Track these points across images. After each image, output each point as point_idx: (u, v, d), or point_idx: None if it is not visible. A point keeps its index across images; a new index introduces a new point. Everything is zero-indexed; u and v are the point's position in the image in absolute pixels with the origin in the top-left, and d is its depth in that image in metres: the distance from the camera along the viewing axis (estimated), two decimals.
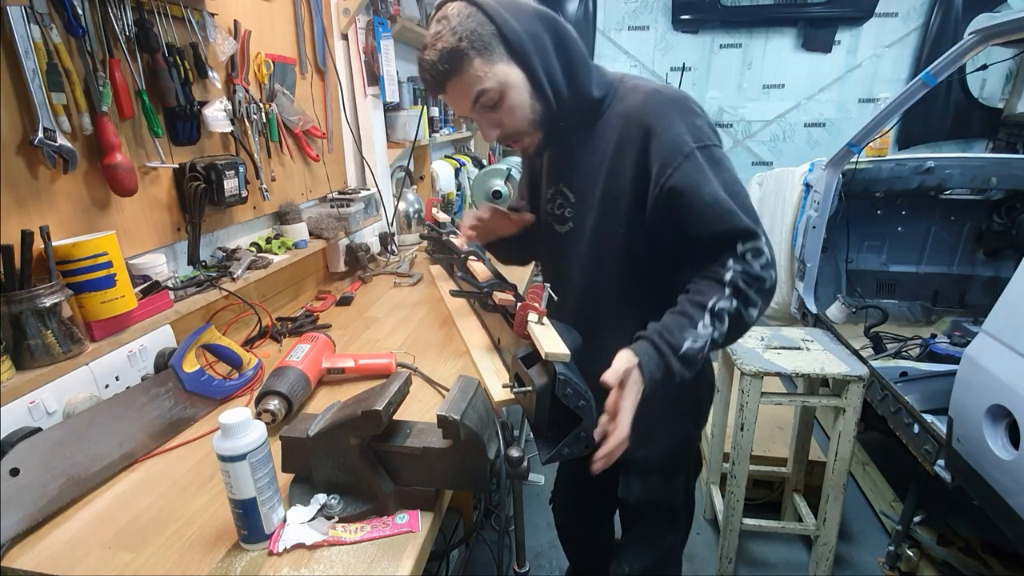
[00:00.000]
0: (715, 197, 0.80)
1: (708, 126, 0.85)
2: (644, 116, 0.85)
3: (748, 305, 0.81)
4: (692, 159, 0.81)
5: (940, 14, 3.58)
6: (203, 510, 0.79)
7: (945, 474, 1.40)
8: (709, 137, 0.83)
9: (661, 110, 0.84)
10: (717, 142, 0.85)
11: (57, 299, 0.87)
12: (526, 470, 0.81)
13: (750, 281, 0.80)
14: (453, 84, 0.85)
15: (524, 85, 0.85)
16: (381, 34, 1.92)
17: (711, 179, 0.81)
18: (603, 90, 0.91)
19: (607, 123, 0.91)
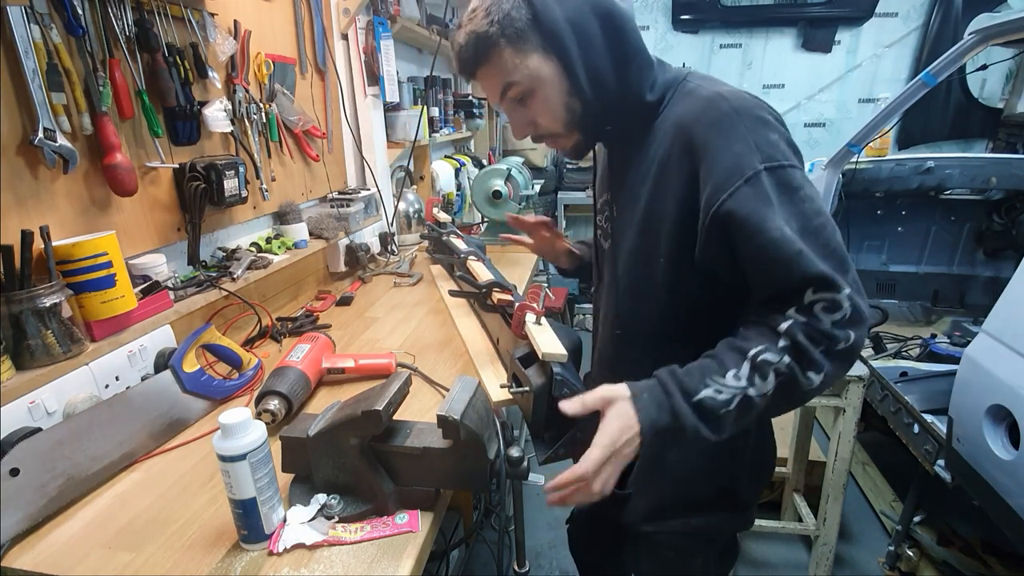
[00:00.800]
0: (781, 233, 0.63)
1: (786, 142, 0.69)
2: (699, 127, 0.70)
3: (808, 367, 0.63)
4: (755, 183, 0.65)
5: (940, 14, 3.58)
6: (203, 510, 0.79)
7: (945, 474, 1.40)
8: (784, 156, 0.67)
9: (722, 121, 0.68)
10: (796, 163, 0.68)
11: (57, 299, 0.88)
12: (526, 470, 0.81)
13: (815, 336, 0.63)
14: (482, 73, 0.77)
15: (560, 82, 0.74)
16: (381, 34, 1.92)
17: (778, 210, 0.64)
18: (660, 92, 0.78)
19: (659, 129, 0.76)
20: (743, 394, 0.64)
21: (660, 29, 3.99)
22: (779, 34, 3.88)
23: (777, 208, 0.64)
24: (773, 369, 0.64)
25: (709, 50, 3.99)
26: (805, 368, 0.64)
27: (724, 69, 4.01)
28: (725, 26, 3.89)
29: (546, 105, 0.76)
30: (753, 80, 4.01)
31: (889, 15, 3.69)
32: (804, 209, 0.65)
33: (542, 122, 0.79)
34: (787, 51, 3.91)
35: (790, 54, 3.91)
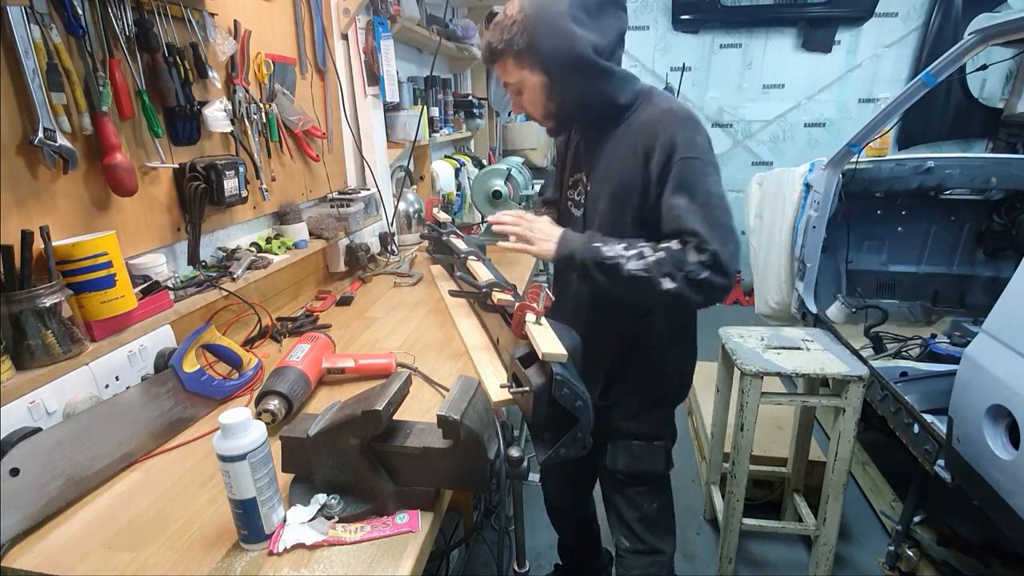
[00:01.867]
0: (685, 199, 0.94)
1: (706, 144, 0.99)
2: (658, 125, 1.00)
3: (664, 274, 0.93)
4: (681, 165, 0.95)
5: (940, 14, 3.58)
6: (203, 510, 0.79)
7: (945, 474, 1.40)
8: (702, 153, 0.97)
9: (673, 122, 0.99)
10: (708, 159, 0.97)
11: (57, 299, 0.88)
12: (526, 470, 0.81)
13: (678, 257, 0.92)
14: (495, 68, 1.08)
15: (542, 89, 1.04)
16: (381, 34, 1.92)
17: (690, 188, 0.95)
18: (630, 98, 1.05)
19: (630, 127, 1.05)
20: (619, 260, 0.97)
21: (660, 29, 3.99)
22: (779, 34, 3.88)
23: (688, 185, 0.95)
24: (643, 260, 0.95)
25: (709, 50, 3.99)
26: (664, 272, 0.93)
27: (724, 69, 4.01)
28: (725, 26, 3.90)
29: (532, 101, 1.08)
30: (753, 80, 4.01)
31: (889, 15, 3.70)
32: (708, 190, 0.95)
33: (528, 109, 1.11)
34: (787, 51, 3.91)
35: (790, 54, 3.91)
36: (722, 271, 0.91)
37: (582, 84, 1.01)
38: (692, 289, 0.92)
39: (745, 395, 1.60)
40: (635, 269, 0.95)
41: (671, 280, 0.92)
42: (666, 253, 0.94)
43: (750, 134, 4.15)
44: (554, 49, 0.97)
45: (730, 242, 0.93)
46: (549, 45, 0.97)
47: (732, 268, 0.92)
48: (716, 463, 2.01)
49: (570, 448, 0.85)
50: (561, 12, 0.96)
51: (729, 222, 0.95)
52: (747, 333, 1.84)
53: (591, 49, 0.97)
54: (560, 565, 1.74)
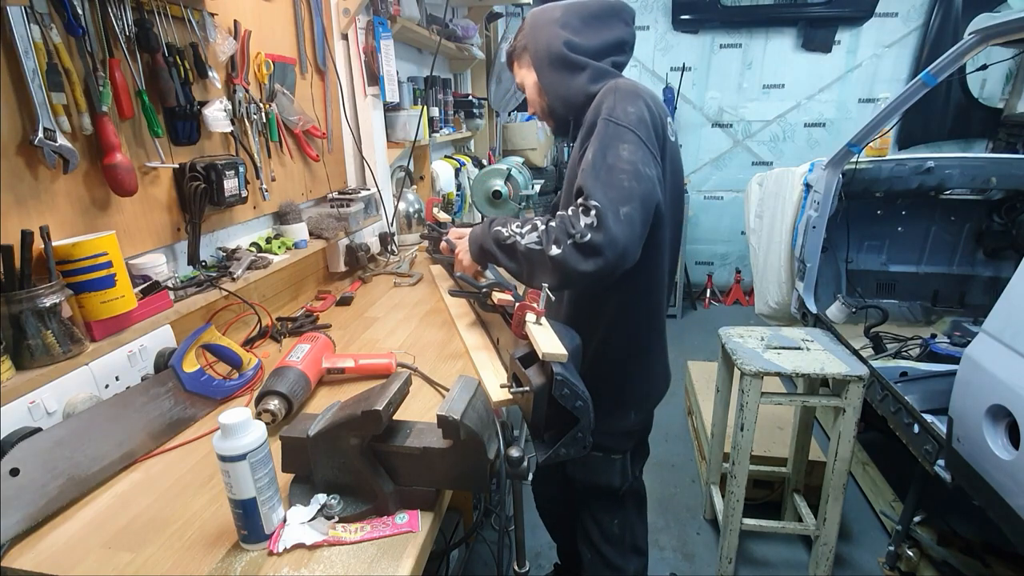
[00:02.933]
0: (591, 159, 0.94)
1: (639, 114, 0.96)
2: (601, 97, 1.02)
3: (552, 241, 0.92)
4: (601, 125, 0.96)
5: (940, 14, 3.58)
6: (203, 510, 0.79)
7: (945, 474, 1.40)
8: (628, 121, 0.95)
9: (611, 93, 1.00)
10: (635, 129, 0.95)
11: (57, 299, 0.88)
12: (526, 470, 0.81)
13: (565, 224, 0.91)
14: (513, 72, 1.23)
15: (536, 86, 1.15)
16: (381, 34, 1.92)
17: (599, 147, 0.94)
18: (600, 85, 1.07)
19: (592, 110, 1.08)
20: (516, 238, 0.99)
21: (660, 29, 3.99)
22: (779, 34, 3.88)
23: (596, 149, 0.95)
24: (536, 231, 0.96)
25: (709, 50, 3.99)
26: (550, 240, 0.92)
27: (724, 69, 4.01)
28: (725, 26, 3.89)
29: (531, 99, 1.20)
30: (753, 80, 4.01)
31: (889, 15, 3.69)
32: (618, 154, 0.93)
33: (532, 108, 1.22)
34: (787, 51, 3.91)
35: (790, 54, 3.91)
36: (605, 229, 0.86)
37: (558, 77, 1.09)
38: (578, 253, 0.88)
39: (745, 395, 1.60)
40: (529, 242, 0.95)
41: (557, 246, 0.90)
42: (557, 221, 0.92)
43: (750, 134, 4.15)
44: (538, 49, 1.10)
45: (624, 205, 0.88)
46: (535, 46, 1.10)
47: (620, 233, 0.86)
48: (716, 463, 2.01)
49: (570, 448, 0.85)
50: (554, 19, 1.08)
51: (632, 187, 0.89)
52: (747, 333, 1.84)
53: (564, 45, 1.06)
54: (559, 565, 1.74)
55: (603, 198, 0.88)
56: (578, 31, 1.06)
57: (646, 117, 0.97)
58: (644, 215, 0.90)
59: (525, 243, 0.96)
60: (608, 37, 1.08)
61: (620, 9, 1.10)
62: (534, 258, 0.95)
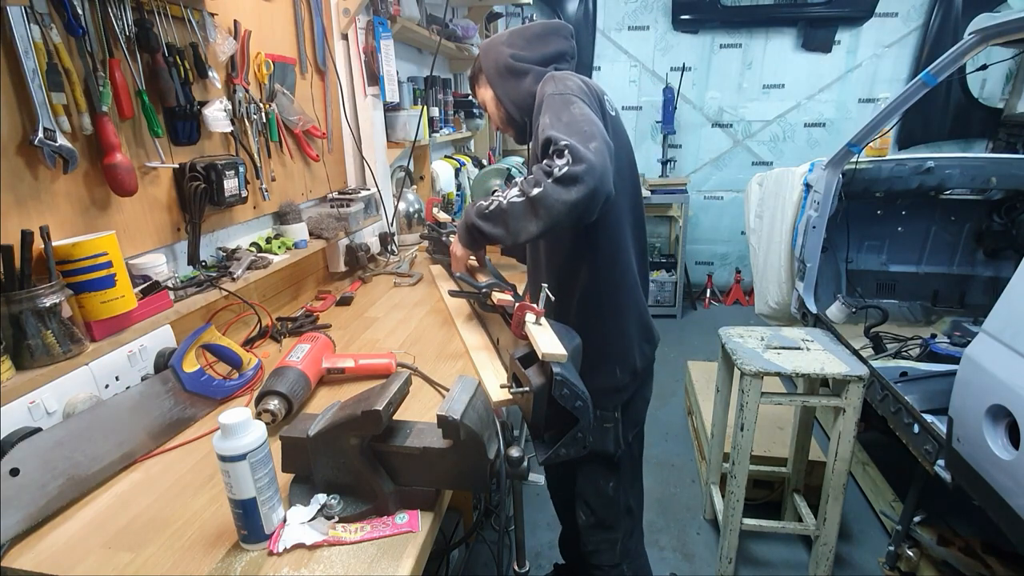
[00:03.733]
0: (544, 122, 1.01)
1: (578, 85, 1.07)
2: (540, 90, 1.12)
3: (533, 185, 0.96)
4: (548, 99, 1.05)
5: (940, 14, 3.58)
6: (203, 510, 0.79)
7: (945, 474, 1.40)
8: (569, 90, 1.05)
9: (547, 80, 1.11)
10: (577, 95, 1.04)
11: (57, 299, 0.87)
12: (526, 470, 0.81)
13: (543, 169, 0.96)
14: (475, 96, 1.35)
15: (494, 100, 1.26)
16: (381, 34, 1.92)
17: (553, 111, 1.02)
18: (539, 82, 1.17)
19: None
20: (500, 201, 1.03)
21: (660, 29, 3.99)
22: (779, 34, 3.88)
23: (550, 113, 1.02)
24: (516, 186, 1.01)
25: (709, 50, 3.99)
26: (531, 185, 0.97)
27: (724, 69, 4.01)
28: (725, 26, 3.89)
29: (493, 114, 1.31)
30: (753, 80, 4.01)
31: (889, 15, 3.70)
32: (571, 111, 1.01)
33: (495, 122, 1.33)
34: (787, 51, 3.91)
35: (790, 54, 3.91)
36: (582, 159, 0.92)
37: (508, 84, 1.21)
38: (559, 186, 0.93)
39: (745, 395, 1.60)
40: (511, 197, 1.00)
41: (538, 187, 0.94)
42: (534, 170, 0.98)
43: (750, 134, 4.15)
44: (488, 64, 1.24)
45: (591, 142, 0.94)
46: (487, 63, 1.24)
47: (596, 160, 0.92)
48: (716, 463, 2.01)
49: (570, 448, 0.85)
50: (501, 40, 1.23)
51: (593, 131, 0.96)
52: (747, 333, 1.84)
53: (511, 57, 1.20)
54: (560, 565, 1.74)
55: (570, 138, 0.94)
56: (523, 48, 1.20)
57: (584, 88, 1.08)
58: (609, 151, 0.96)
59: (507, 200, 1.00)
60: (548, 50, 1.21)
61: (559, 28, 1.23)
62: (518, 210, 0.99)
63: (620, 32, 4.05)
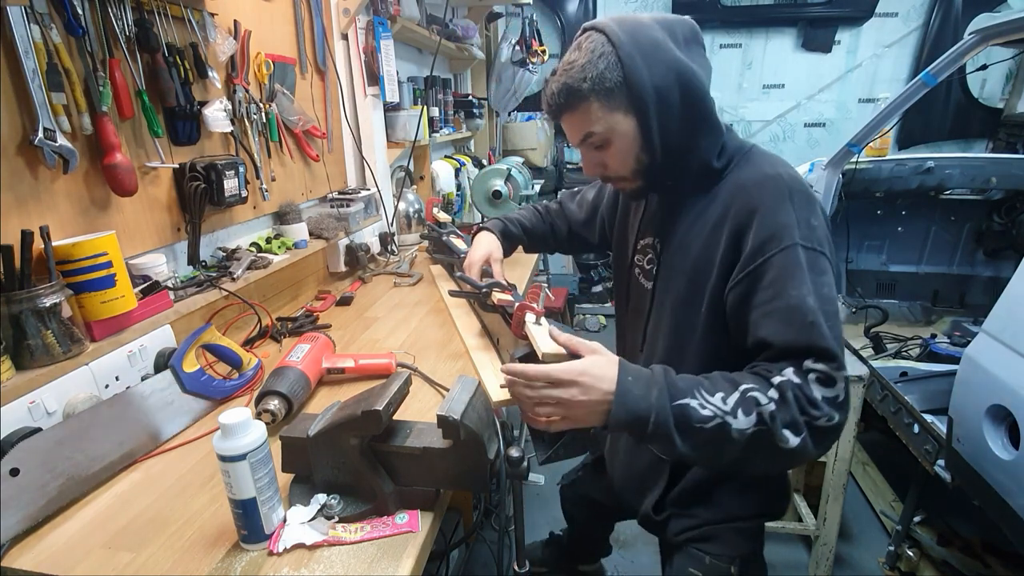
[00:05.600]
0: (803, 300, 0.69)
1: (823, 231, 0.75)
2: (755, 194, 0.78)
3: (787, 425, 0.66)
4: (792, 252, 0.72)
5: (940, 14, 3.58)
6: (203, 510, 0.79)
7: (945, 474, 1.40)
8: (819, 242, 0.74)
9: (776, 194, 0.77)
10: (826, 252, 0.74)
11: (57, 299, 0.87)
12: (526, 470, 0.81)
13: (802, 400, 0.66)
14: (567, 118, 0.85)
15: (635, 136, 0.82)
16: (381, 34, 1.92)
17: (805, 282, 0.70)
18: (727, 159, 0.86)
19: (721, 191, 0.84)
20: (723, 419, 0.67)
21: None
22: (779, 34, 3.88)
23: (807, 279, 0.71)
24: (757, 410, 0.66)
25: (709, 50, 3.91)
26: (785, 424, 0.66)
27: (724, 69, 4.01)
28: (725, 26, 3.89)
29: (619, 155, 0.85)
30: (753, 80, 4.01)
31: (889, 15, 3.69)
32: (825, 293, 0.71)
33: (612, 166, 0.88)
34: (787, 51, 3.91)
35: (790, 54, 3.91)
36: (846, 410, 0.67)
37: (686, 131, 0.81)
38: (821, 440, 0.66)
39: None
40: (746, 427, 0.66)
41: (795, 433, 0.66)
42: (779, 393, 0.67)
43: (750, 134, 4.15)
44: (658, 84, 0.77)
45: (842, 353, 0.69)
46: (653, 79, 0.77)
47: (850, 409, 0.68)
48: None
49: (570, 448, 0.85)
50: (661, 40, 0.78)
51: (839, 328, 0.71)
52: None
53: (705, 85, 0.78)
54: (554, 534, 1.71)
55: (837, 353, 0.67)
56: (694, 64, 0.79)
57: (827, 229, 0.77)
58: None
59: (738, 427, 0.67)
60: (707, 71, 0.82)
61: (699, 32, 0.84)
62: (748, 448, 0.67)
63: None
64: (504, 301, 1.16)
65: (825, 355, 0.67)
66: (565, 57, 0.83)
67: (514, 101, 3.54)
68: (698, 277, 0.84)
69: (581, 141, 0.86)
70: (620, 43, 0.77)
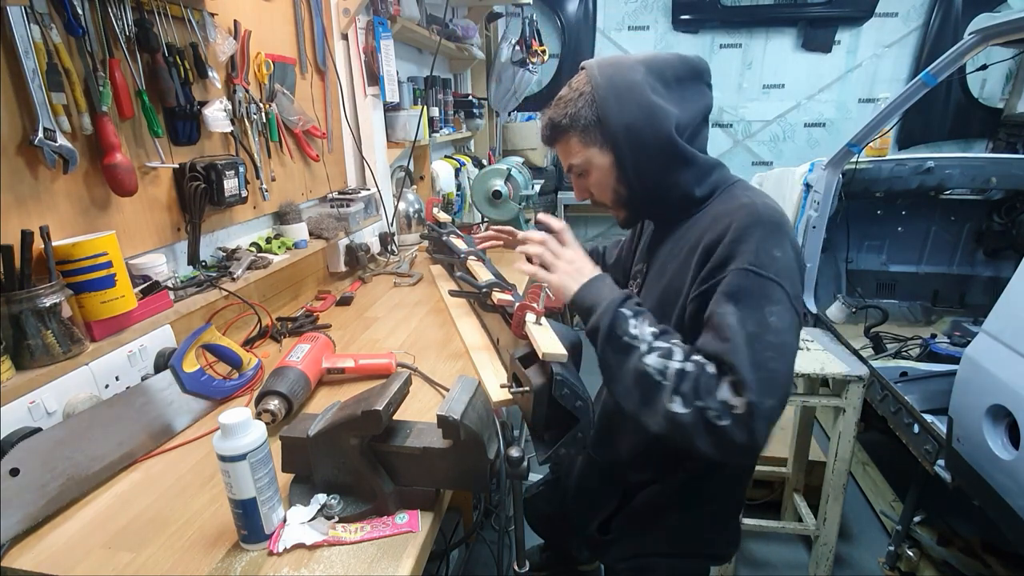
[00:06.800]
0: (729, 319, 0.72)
1: (787, 263, 0.76)
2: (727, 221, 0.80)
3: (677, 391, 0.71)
4: (739, 275, 0.74)
5: (940, 14, 3.58)
6: (203, 510, 0.79)
7: (945, 474, 1.40)
8: (776, 272, 0.74)
9: (746, 220, 0.78)
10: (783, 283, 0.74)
11: (57, 299, 0.87)
12: (526, 470, 0.81)
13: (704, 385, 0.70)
14: (556, 148, 0.95)
15: (611, 170, 0.89)
16: (381, 34, 1.92)
17: (741, 304, 0.73)
18: (709, 189, 0.89)
19: (700, 219, 0.87)
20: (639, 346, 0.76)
21: (660, 29, 3.99)
22: (779, 34, 3.88)
23: (745, 303, 0.73)
24: (666, 362, 0.73)
25: (709, 50, 3.98)
26: (676, 389, 0.71)
27: (724, 69, 4.01)
28: (725, 26, 3.89)
29: (598, 185, 0.93)
30: (753, 80, 4.01)
31: (889, 15, 3.69)
32: (770, 321, 0.72)
33: (595, 194, 0.95)
34: (787, 51, 3.91)
35: (790, 54, 3.91)
36: (750, 431, 0.67)
37: (659, 167, 0.85)
38: (702, 430, 0.70)
39: None
40: (652, 366, 0.73)
41: (683, 403, 0.70)
42: (697, 369, 0.72)
43: (750, 134, 4.15)
44: (629, 124, 0.83)
45: (771, 397, 0.68)
46: (623, 119, 0.83)
47: (763, 431, 0.68)
48: None
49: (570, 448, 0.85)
50: (637, 82, 0.83)
51: (779, 371, 0.70)
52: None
53: (673, 126, 0.82)
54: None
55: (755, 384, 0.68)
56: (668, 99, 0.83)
57: (793, 262, 0.77)
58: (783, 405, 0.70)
59: (646, 363, 0.74)
60: (697, 107, 0.86)
61: (704, 70, 0.88)
62: (642, 384, 0.74)
63: (620, 32, 4.04)
64: (504, 301, 1.16)
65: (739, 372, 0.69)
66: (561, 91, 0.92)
67: (514, 101, 3.54)
68: (669, 298, 0.88)
69: (567, 170, 0.96)
70: (597, 84, 0.85)
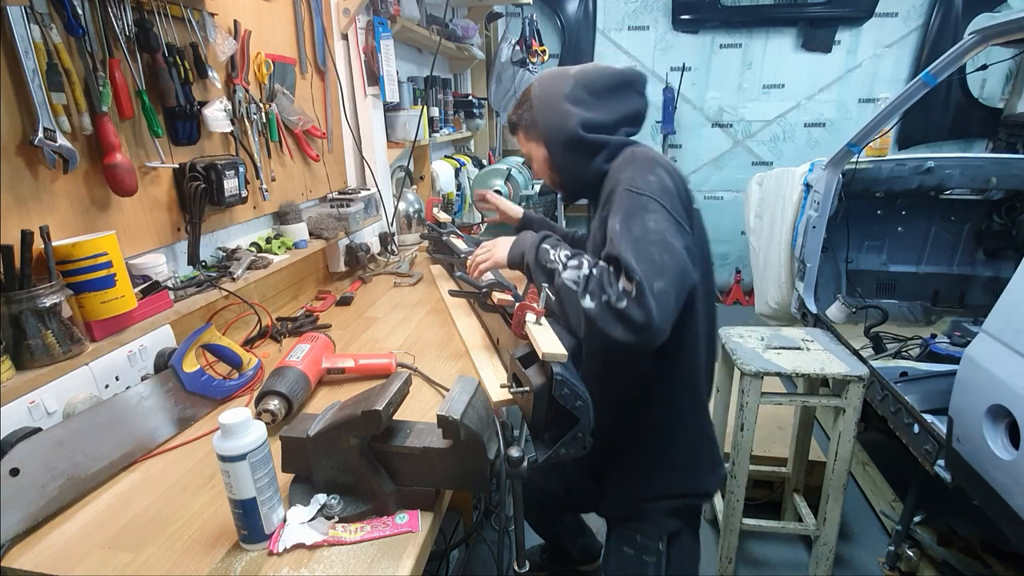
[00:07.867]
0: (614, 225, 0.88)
1: (660, 183, 0.91)
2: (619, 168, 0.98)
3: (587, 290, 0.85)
4: (619, 194, 0.92)
5: (940, 14, 3.58)
6: (203, 510, 0.79)
7: (945, 474, 1.40)
8: (650, 189, 0.90)
9: (625, 162, 0.98)
10: (655, 196, 0.89)
11: (57, 299, 0.87)
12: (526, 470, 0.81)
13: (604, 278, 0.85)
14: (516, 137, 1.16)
15: (546, 160, 1.09)
16: (381, 34, 1.92)
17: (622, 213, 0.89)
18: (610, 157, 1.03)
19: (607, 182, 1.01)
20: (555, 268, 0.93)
21: (660, 29, 3.98)
22: (779, 34, 3.87)
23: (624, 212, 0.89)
24: (578, 273, 0.89)
25: (709, 50, 3.98)
26: (586, 289, 0.86)
27: (724, 69, 4.01)
28: (725, 26, 3.89)
29: (541, 171, 1.14)
30: (753, 80, 4.01)
31: (889, 15, 3.69)
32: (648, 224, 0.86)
33: (541, 177, 1.18)
34: (787, 51, 3.90)
35: (790, 54, 3.91)
36: (643, 306, 0.78)
37: (574, 159, 1.04)
38: (610, 317, 0.81)
39: (745, 395, 1.60)
40: (568, 279, 0.89)
41: (591, 299, 0.84)
42: (599, 272, 0.86)
43: (750, 134, 4.15)
44: (549, 126, 1.04)
45: (659, 280, 0.79)
46: (546, 123, 1.05)
47: (657, 308, 0.78)
48: None
49: (570, 448, 0.85)
50: (563, 94, 1.03)
51: (664, 260, 0.82)
52: (747, 333, 1.83)
53: (580, 126, 1.01)
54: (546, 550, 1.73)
55: (639, 268, 0.80)
56: (592, 106, 1.02)
57: (668, 185, 0.92)
58: (677, 291, 0.82)
59: (564, 278, 0.90)
60: (623, 110, 1.03)
61: (634, 79, 1.05)
62: (566, 296, 0.89)
63: (620, 32, 4.04)
64: (504, 301, 1.16)
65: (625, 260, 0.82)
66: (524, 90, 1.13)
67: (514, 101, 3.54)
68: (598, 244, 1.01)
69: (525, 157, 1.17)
70: (535, 93, 1.07)
